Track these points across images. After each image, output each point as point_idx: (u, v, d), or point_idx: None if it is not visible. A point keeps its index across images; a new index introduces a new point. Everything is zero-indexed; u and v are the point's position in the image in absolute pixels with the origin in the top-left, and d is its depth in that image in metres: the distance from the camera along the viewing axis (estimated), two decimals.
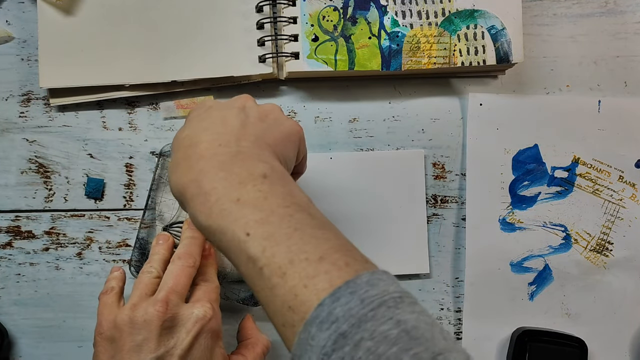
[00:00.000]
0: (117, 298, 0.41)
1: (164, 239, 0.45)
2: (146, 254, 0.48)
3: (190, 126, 0.36)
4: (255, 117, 0.36)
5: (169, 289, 0.39)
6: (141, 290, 0.40)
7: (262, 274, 0.29)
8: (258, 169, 0.32)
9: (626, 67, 0.52)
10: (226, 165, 0.32)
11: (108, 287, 0.42)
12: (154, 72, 0.49)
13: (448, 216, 0.52)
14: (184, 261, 0.41)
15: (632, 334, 0.51)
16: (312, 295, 0.27)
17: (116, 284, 0.43)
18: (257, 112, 0.36)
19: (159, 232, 0.48)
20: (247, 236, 0.30)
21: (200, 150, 0.33)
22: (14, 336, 0.50)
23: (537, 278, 0.51)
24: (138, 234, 0.48)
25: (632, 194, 0.51)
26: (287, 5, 0.48)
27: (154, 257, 0.43)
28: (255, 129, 0.35)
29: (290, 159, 0.37)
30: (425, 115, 0.52)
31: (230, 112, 0.36)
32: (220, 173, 0.32)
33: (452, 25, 0.48)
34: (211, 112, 0.36)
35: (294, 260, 0.28)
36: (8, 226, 0.50)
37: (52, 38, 0.48)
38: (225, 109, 0.36)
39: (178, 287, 0.40)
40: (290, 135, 0.37)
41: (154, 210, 0.48)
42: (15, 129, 0.50)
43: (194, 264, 0.42)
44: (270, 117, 0.37)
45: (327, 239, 0.29)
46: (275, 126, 0.36)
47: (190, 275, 0.41)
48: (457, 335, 0.51)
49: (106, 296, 0.41)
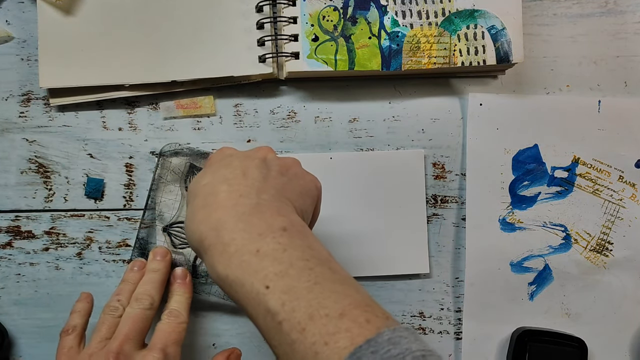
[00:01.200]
0: (78, 341, 0.42)
1: (139, 266, 0.45)
2: (146, 254, 0.48)
3: (210, 173, 0.36)
4: (276, 171, 0.36)
5: (123, 337, 0.39)
6: (102, 334, 0.40)
7: (281, 329, 0.29)
8: (277, 221, 0.32)
9: (626, 67, 0.52)
10: (246, 217, 0.32)
11: (70, 326, 0.42)
12: (153, 72, 0.49)
13: (448, 216, 0.52)
14: (141, 304, 0.41)
15: (632, 334, 0.51)
16: (333, 353, 0.27)
17: (79, 321, 0.43)
18: (278, 166, 0.37)
19: (159, 232, 0.48)
20: (266, 289, 0.29)
21: (220, 199, 0.33)
22: (14, 336, 0.50)
23: (537, 278, 0.51)
24: (138, 234, 0.48)
25: (632, 194, 0.51)
26: (287, 5, 0.48)
27: (123, 288, 0.43)
28: (276, 182, 0.35)
29: (308, 213, 0.37)
30: (425, 115, 0.52)
31: (252, 162, 0.36)
32: (239, 224, 0.32)
33: (452, 25, 0.48)
34: (232, 161, 0.36)
35: (314, 316, 0.28)
36: (8, 226, 0.50)
37: (52, 38, 0.48)
38: (247, 160, 0.36)
39: (132, 334, 0.40)
40: (310, 190, 0.37)
41: (154, 211, 0.48)
42: (15, 129, 0.50)
43: (151, 306, 0.42)
44: (290, 171, 0.37)
45: (348, 295, 0.29)
46: (295, 180, 0.37)
47: (148, 318, 0.41)
48: (457, 336, 0.51)
49: (67, 338, 0.42)
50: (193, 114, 0.51)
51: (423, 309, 0.51)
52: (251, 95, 0.51)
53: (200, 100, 0.51)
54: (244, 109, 0.51)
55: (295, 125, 0.51)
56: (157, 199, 0.48)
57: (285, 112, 0.51)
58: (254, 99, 0.51)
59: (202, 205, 0.34)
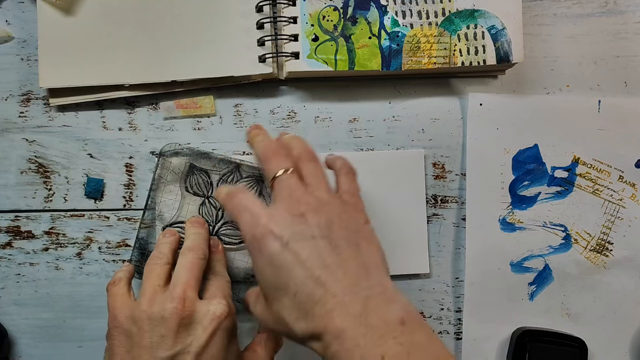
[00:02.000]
0: (127, 289, 0.41)
1: (170, 233, 0.45)
2: (146, 254, 0.48)
3: (298, 261, 0.34)
4: (345, 244, 0.35)
5: (185, 283, 0.39)
6: (153, 281, 0.40)
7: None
8: (393, 313, 0.32)
9: (626, 67, 0.52)
10: (363, 319, 0.31)
11: (116, 278, 0.42)
12: (153, 72, 0.49)
13: (448, 216, 0.52)
14: (195, 253, 0.41)
15: (632, 334, 0.51)
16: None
17: (124, 275, 0.43)
18: (343, 237, 0.36)
19: (159, 232, 0.48)
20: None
21: (327, 300, 0.33)
22: (14, 336, 0.50)
23: (537, 278, 0.51)
24: (138, 234, 0.48)
25: (632, 193, 0.51)
26: (287, 5, 0.48)
27: (161, 246, 0.43)
28: (359, 260, 0.35)
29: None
30: (425, 115, 0.52)
31: (327, 244, 0.35)
32: (359, 329, 0.31)
33: (452, 25, 0.48)
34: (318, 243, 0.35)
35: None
36: (8, 226, 0.50)
37: (51, 38, 0.48)
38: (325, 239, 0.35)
39: (192, 281, 0.39)
40: (377, 242, 0.38)
41: (154, 211, 0.48)
42: (15, 129, 0.50)
43: (204, 257, 0.42)
44: (360, 236, 0.36)
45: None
46: (368, 244, 0.36)
47: (201, 267, 0.41)
48: (457, 336, 0.51)
49: (116, 287, 0.41)
50: (193, 114, 0.51)
51: (423, 309, 0.51)
52: (251, 95, 0.51)
53: (200, 100, 0.51)
54: (244, 109, 0.51)
55: (295, 125, 0.51)
56: (157, 199, 0.48)
57: (285, 112, 0.51)
58: (254, 99, 0.51)
59: (302, 301, 0.33)
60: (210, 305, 0.39)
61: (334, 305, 0.32)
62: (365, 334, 0.31)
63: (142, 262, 0.48)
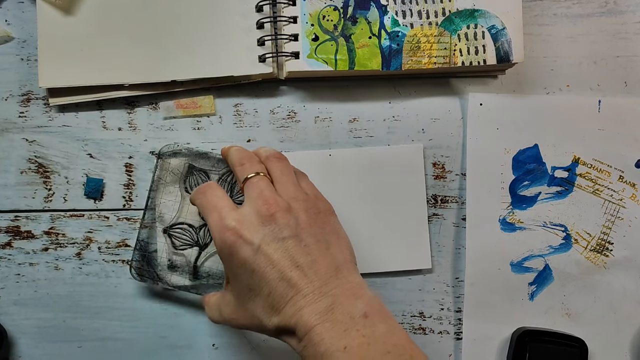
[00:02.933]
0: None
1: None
2: (147, 255, 0.48)
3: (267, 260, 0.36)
4: (314, 242, 0.37)
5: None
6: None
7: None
8: (357, 308, 0.34)
9: (626, 67, 0.52)
10: (330, 315, 0.34)
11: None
12: (153, 72, 0.49)
13: (448, 216, 0.52)
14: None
15: (632, 334, 0.51)
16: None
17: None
18: (312, 235, 0.37)
19: (159, 233, 0.48)
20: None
21: (297, 299, 0.35)
22: (13, 336, 0.50)
23: (537, 278, 0.51)
24: (138, 235, 0.48)
25: (632, 193, 0.51)
26: (287, 5, 0.48)
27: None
28: (328, 259, 0.37)
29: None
30: (425, 115, 0.52)
31: (279, 232, 0.36)
32: (325, 324, 0.34)
33: (452, 24, 0.48)
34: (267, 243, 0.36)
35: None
36: (7, 226, 0.50)
37: (51, 38, 0.48)
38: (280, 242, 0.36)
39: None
40: (344, 235, 0.39)
41: (154, 211, 0.48)
42: (15, 129, 0.50)
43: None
44: (327, 230, 0.38)
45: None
46: (337, 240, 0.38)
47: None
48: (457, 336, 0.51)
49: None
50: (193, 114, 0.51)
51: (423, 309, 0.51)
52: (251, 95, 0.51)
53: (200, 100, 0.51)
54: (243, 108, 0.51)
55: (295, 125, 0.51)
56: (156, 200, 0.48)
57: (285, 112, 0.51)
58: (254, 98, 0.51)
59: (271, 293, 0.36)
60: None
61: (304, 304, 0.34)
62: (331, 329, 0.33)
63: (143, 264, 0.48)
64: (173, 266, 0.47)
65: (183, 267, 0.48)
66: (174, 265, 0.47)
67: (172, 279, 0.48)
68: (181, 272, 0.48)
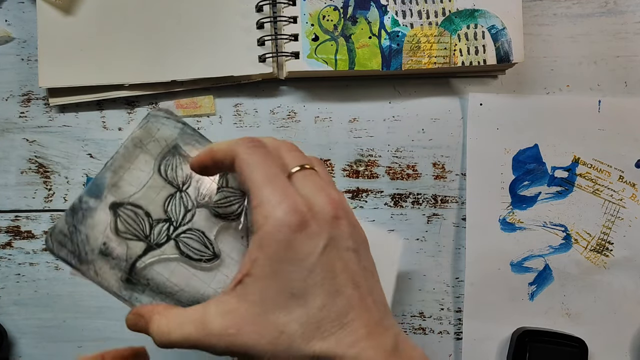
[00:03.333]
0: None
1: None
2: (78, 227, 0.35)
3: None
4: (370, 265, 0.30)
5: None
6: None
7: None
8: (416, 353, 0.28)
9: (626, 67, 0.52)
10: (395, 357, 0.28)
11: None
12: (153, 72, 0.49)
13: (448, 216, 0.52)
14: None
15: (632, 334, 0.51)
16: None
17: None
18: (368, 258, 0.30)
19: (105, 204, 0.35)
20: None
21: (358, 327, 0.28)
22: (14, 336, 0.50)
23: (537, 278, 0.51)
24: (81, 196, 0.35)
25: (632, 193, 0.51)
26: (287, 5, 0.48)
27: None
28: (381, 292, 0.30)
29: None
30: (425, 115, 0.52)
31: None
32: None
33: (452, 24, 0.48)
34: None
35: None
36: (8, 226, 0.50)
37: (51, 38, 0.48)
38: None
39: None
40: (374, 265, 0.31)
41: (114, 176, 0.35)
42: (15, 129, 0.50)
43: None
44: (362, 248, 0.30)
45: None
46: (368, 257, 0.30)
47: None
48: (457, 336, 0.51)
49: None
50: (193, 114, 0.51)
51: (423, 309, 0.51)
52: (251, 95, 0.51)
53: (200, 100, 0.51)
54: (243, 108, 0.51)
55: (295, 125, 0.51)
56: (123, 162, 0.36)
57: (285, 112, 0.51)
58: (254, 98, 0.51)
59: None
60: None
61: (366, 335, 0.27)
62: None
63: (70, 234, 0.34)
64: (106, 253, 0.34)
65: (119, 260, 0.35)
66: (108, 252, 0.34)
67: (98, 268, 0.34)
68: (114, 265, 0.34)
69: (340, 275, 0.27)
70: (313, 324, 0.27)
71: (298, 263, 0.27)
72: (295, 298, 0.27)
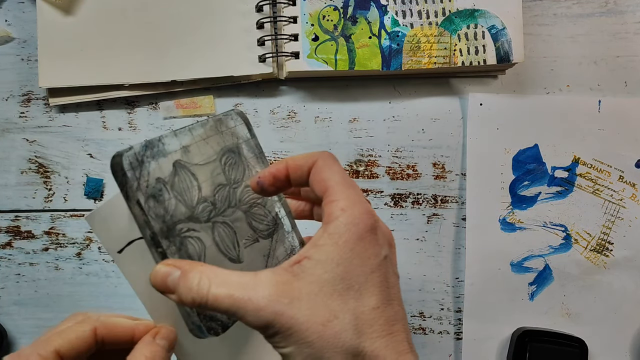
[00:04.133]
0: None
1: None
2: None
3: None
4: (396, 280, 0.30)
5: None
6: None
7: None
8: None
9: (626, 67, 0.52)
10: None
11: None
12: (153, 72, 0.49)
13: (448, 216, 0.52)
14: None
15: (632, 334, 0.51)
16: None
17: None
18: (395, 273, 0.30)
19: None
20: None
21: (401, 336, 0.28)
22: (14, 336, 0.50)
23: (537, 278, 0.51)
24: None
25: (632, 194, 0.51)
26: (287, 5, 0.48)
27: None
28: (404, 313, 0.29)
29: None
30: (425, 115, 0.52)
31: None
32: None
33: (452, 24, 0.48)
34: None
35: None
36: (8, 226, 0.50)
37: (51, 38, 0.48)
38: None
39: None
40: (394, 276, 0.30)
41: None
42: (15, 129, 0.50)
43: None
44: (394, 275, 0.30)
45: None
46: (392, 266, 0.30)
47: None
48: (457, 336, 0.51)
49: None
50: (193, 114, 0.51)
51: (423, 309, 0.51)
52: (251, 95, 0.51)
53: (200, 100, 0.51)
54: (243, 108, 0.51)
55: (295, 125, 0.51)
56: (199, 132, 0.36)
57: (285, 112, 0.51)
58: (254, 98, 0.51)
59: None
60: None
61: (409, 350, 0.28)
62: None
63: (143, 154, 0.32)
64: (158, 200, 0.32)
65: (165, 212, 0.32)
66: (160, 199, 0.32)
67: (149, 207, 0.31)
68: (161, 213, 0.32)
69: (392, 289, 0.28)
70: (366, 321, 0.27)
71: (364, 260, 0.27)
72: (353, 291, 0.27)
